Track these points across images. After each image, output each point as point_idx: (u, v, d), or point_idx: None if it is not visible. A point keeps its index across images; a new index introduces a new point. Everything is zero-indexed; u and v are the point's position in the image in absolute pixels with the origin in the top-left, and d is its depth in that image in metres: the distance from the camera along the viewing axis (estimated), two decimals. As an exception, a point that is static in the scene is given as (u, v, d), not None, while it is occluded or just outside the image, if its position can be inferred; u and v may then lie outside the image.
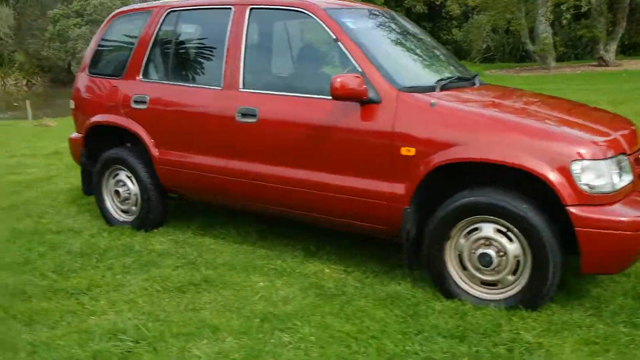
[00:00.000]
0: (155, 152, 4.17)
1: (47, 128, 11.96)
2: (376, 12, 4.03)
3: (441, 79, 3.51)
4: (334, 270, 3.61)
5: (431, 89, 3.36)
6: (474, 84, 3.76)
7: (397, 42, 3.91)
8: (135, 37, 4.35)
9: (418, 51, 3.94)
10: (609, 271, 2.95)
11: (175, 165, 4.08)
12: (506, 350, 2.59)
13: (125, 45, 4.48)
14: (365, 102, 3.24)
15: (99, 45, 4.60)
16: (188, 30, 4.24)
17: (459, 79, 3.68)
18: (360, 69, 3.30)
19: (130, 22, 4.56)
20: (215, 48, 4.03)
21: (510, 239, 2.95)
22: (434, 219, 3.10)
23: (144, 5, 4.49)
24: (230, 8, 3.88)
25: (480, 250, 3.00)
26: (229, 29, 3.84)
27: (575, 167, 2.77)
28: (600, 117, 3.44)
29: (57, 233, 4.44)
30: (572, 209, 2.76)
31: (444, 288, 3.13)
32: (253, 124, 3.64)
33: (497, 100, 3.44)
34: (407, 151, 3.12)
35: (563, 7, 17.34)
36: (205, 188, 4.02)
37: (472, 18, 23.70)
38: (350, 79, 3.14)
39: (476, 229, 3.03)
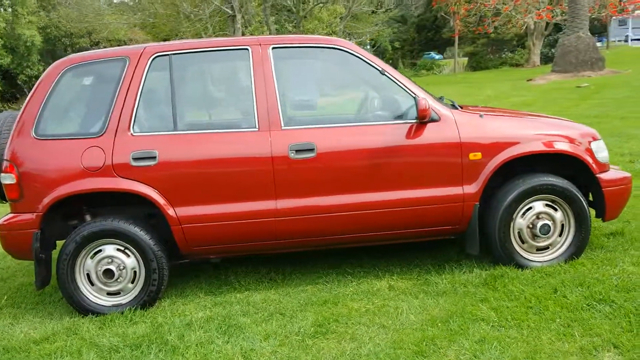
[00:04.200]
0: (171, 211, 3.70)
1: None
2: None
3: (443, 98, 4.23)
4: (398, 280, 3.92)
5: (454, 107, 4.05)
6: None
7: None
8: (112, 88, 3.74)
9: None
10: (616, 215, 4.11)
11: (205, 221, 3.71)
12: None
13: (95, 99, 3.81)
14: (425, 122, 3.75)
15: (47, 103, 3.74)
16: (187, 75, 3.89)
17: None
18: (413, 95, 3.78)
19: (94, 72, 3.87)
20: (233, 90, 3.86)
21: (555, 209, 3.88)
22: (500, 208, 3.81)
23: (108, 51, 3.89)
24: (246, 48, 3.81)
25: (540, 223, 3.83)
26: (251, 69, 3.77)
27: (594, 146, 3.88)
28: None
29: (50, 340, 3.44)
30: (600, 175, 3.87)
31: (516, 262, 3.85)
32: (311, 159, 3.69)
33: (500, 110, 4.34)
34: (474, 156, 3.76)
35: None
36: (246, 236, 3.78)
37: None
38: (426, 102, 3.61)
39: (530, 208, 3.86)
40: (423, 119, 3.65)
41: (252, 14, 18.46)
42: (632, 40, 44.33)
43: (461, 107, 4.08)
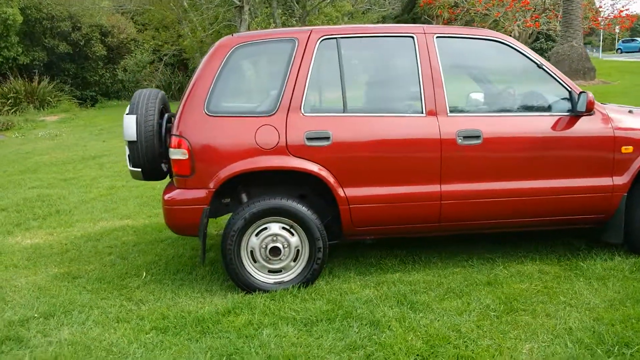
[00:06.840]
0: (341, 192, 3.78)
1: None
2: None
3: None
4: (542, 265, 4.09)
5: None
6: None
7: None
8: (282, 68, 3.80)
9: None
10: None
11: (373, 202, 3.80)
12: None
13: (265, 78, 3.85)
14: (581, 115, 3.93)
15: (218, 79, 3.76)
16: (354, 58, 3.97)
17: None
18: (569, 89, 3.97)
19: (263, 52, 3.90)
20: (398, 75, 3.96)
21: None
22: (646, 200, 4.03)
23: (275, 31, 3.93)
24: (411, 36, 3.91)
25: (683, 218, 4.07)
26: (417, 56, 3.88)
27: None
28: None
29: (233, 314, 3.47)
30: None
31: (656, 253, 4.10)
32: (477, 146, 3.83)
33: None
34: (626, 149, 3.97)
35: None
36: (410, 218, 3.88)
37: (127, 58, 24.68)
38: (592, 96, 3.81)
39: (678, 202, 4.10)
40: (589, 112, 3.84)
41: (257, 6, 18.37)
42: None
43: (602, 104, 4.29)
